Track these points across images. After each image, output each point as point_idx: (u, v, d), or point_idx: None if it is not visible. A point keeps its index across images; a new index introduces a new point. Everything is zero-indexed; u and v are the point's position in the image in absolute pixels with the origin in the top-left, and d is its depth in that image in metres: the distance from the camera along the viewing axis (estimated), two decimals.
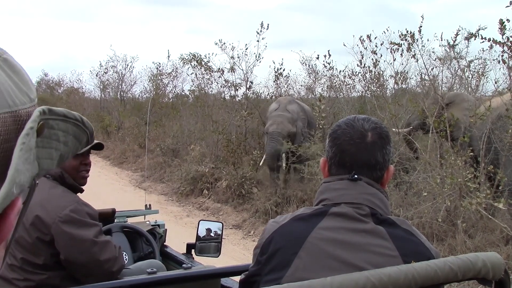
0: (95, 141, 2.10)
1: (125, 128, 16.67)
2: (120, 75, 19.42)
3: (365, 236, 1.28)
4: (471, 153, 5.54)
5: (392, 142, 1.46)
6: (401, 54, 7.23)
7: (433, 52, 7.61)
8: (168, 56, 17.45)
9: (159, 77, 16.22)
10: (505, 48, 5.34)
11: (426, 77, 7.60)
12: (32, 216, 2.10)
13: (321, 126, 8.58)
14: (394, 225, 1.33)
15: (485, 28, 6.35)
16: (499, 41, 5.38)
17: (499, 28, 5.25)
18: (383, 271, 1.12)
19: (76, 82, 23.34)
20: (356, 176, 1.36)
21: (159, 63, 16.19)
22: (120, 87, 19.63)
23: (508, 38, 5.22)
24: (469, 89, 8.22)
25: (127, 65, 19.16)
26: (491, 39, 5.56)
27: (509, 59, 5.53)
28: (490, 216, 5.21)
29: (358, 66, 8.22)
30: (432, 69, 7.52)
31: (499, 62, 5.80)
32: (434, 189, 5.76)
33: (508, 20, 5.16)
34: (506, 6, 5.06)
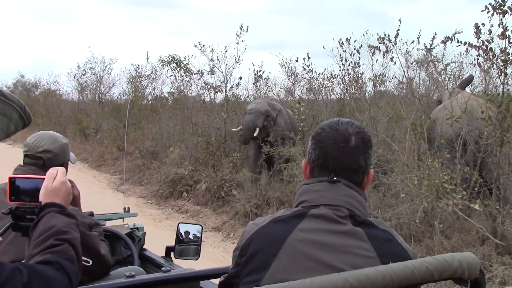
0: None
1: (103, 130, 16.49)
2: (99, 77, 19.24)
3: (344, 237, 1.29)
4: (448, 155, 5.61)
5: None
6: (383, 55, 7.31)
7: (410, 55, 7.73)
8: (147, 58, 17.39)
9: (138, 79, 16.10)
10: (480, 51, 5.42)
11: (404, 80, 7.69)
12: None
13: (300, 129, 8.63)
14: (372, 226, 1.34)
15: (461, 32, 6.46)
16: (475, 45, 5.45)
17: (474, 32, 5.32)
18: (361, 272, 1.13)
19: (54, 84, 22.97)
20: (335, 178, 1.37)
21: (138, 65, 16.09)
22: (98, 89, 19.45)
23: (483, 42, 5.29)
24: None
25: (106, 67, 19.00)
26: (467, 42, 5.64)
27: (484, 62, 5.61)
28: (466, 217, 5.28)
29: (339, 67, 8.29)
30: (408, 71, 7.63)
31: (474, 65, 5.92)
32: (411, 190, 5.81)
33: (483, 24, 5.23)
34: (481, 11, 5.13)
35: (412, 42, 7.25)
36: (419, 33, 7.23)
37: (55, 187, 1.55)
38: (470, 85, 7.38)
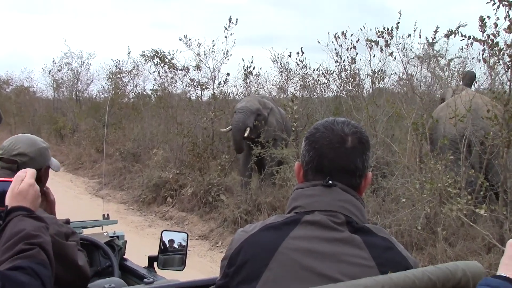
0: None
1: (81, 130, 16.46)
2: (76, 73, 19.23)
3: (340, 245, 1.29)
4: (451, 157, 5.63)
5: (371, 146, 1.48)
6: (381, 50, 7.34)
7: (411, 50, 7.76)
8: (129, 53, 17.30)
9: (119, 75, 16.07)
10: (485, 46, 5.44)
11: (404, 76, 7.72)
12: None
13: (294, 129, 8.64)
14: (370, 233, 1.34)
15: (465, 25, 6.48)
16: (479, 39, 5.48)
17: (479, 25, 5.34)
18: (359, 282, 1.14)
19: (27, 81, 22.88)
20: (330, 181, 1.37)
21: (119, 60, 16.07)
22: (75, 86, 19.44)
23: (488, 36, 5.31)
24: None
25: (83, 62, 19.02)
26: (471, 36, 5.67)
27: (490, 57, 5.63)
28: (471, 223, 5.29)
29: (335, 63, 8.31)
30: (409, 67, 7.67)
31: (479, 60, 5.91)
32: (413, 195, 5.82)
33: (488, 17, 5.25)
34: (487, 3, 5.16)
35: (409, 36, 7.28)
36: (415, 25, 7.25)
37: (22, 190, 1.55)
38: (475, 81, 7.41)
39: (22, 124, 20.40)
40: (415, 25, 7.24)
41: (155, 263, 2.85)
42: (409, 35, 7.30)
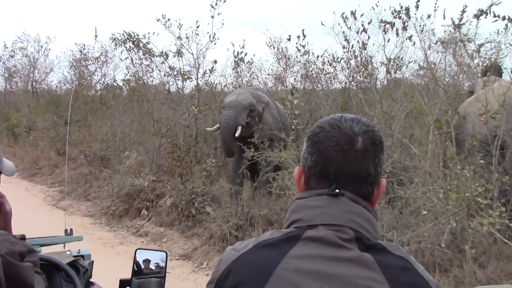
0: None
1: (38, 129, 16.44)
2: (32, 60, 19.18)
3: (348, 265, 1.29)
4: (482, 161, 5.64)
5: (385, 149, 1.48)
6: (397, 34, 7.33)
7: (433, 33, 7.77)
8: (96, 36, 17.27)
9: (84, 63, 16.04)
10: None
11: (425, 65, 7.73)
12: None
13: (294, 127, 8.64)
14: (384, 251, 1.34)
15: (498, 3, 6.50)
16: None
17: None
18: None
19: None
20: (337, 190, 1.37)
21: (84, 45, 16.09)
22: (31, 76, 19.36)
23: None
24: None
25: (41, 47, 18.97)
26: (507, 17, 5.68)
27: None
28: (506, 240, 5.31)
29: (343, 48, 8.32)
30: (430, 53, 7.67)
31: None
32: (436, 206, 5.83)
33: None
34: None
35: (429, 17, 7.27)
36: (436, 3, 7.16)
37: None
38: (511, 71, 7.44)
39: None
40: (436, 4, 7.24)
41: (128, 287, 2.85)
42: (429, 16, 7.30)
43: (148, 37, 11.88)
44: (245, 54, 11.09)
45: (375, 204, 1.45)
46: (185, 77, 11.48)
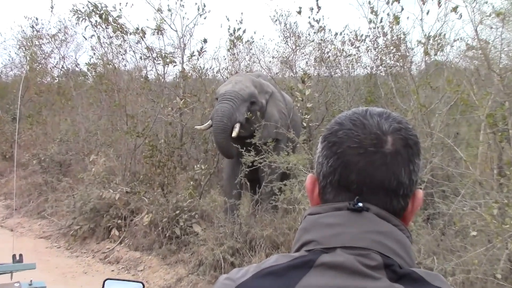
0: None
1: None
2: None
3: None
4: None
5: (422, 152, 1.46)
6: (439, 4, 7.30)
7: (486, 3, 7.72)
8: (52, 8, 17.29)
9: (37, 42, 16.03)
10: None
11: (475, 44, 7.68)
12: None
13: (305, 124, 8.64)
14: (421, 282, 1.32)
15: None
16: None
17: None
18: None
19: None
20: (360, 204, 1.35)
21: (36, 19, 16.03)
22: None
23: None
24: None
25: None
26: None
27: None
28: None
29: (369, 24, 8.31)
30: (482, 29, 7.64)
31: None
32: (489, 225, 5.81)
33: None
34: None
35: None
36: None
37: None
38: None
39: None
40: None
41: None
42: None
43: (120, 10, 11.81)
44: (244, 32, 11.10)
45: (409, 222, 1.46)
46: (167, 60, 11.41)
